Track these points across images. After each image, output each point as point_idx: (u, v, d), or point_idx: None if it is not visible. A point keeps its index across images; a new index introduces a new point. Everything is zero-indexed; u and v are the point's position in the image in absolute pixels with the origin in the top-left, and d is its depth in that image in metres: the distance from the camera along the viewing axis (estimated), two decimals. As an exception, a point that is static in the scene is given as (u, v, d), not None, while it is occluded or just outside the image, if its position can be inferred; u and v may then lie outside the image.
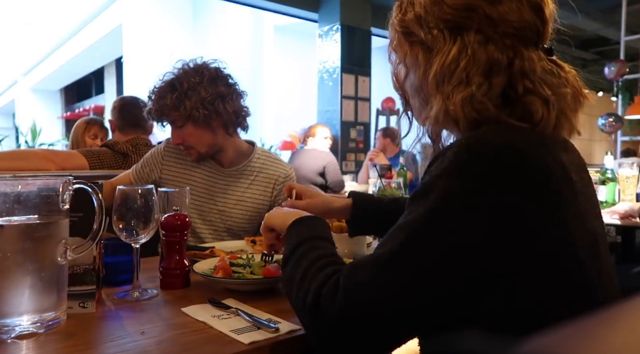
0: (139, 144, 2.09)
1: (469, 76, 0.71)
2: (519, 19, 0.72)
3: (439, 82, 0.73)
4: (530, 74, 0.71)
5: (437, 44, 0.74)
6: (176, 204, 1.10)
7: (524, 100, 0.71)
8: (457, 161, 0.64)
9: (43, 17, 10.84)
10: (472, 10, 0.72)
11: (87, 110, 12.80)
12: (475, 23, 0.72)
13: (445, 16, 0.73)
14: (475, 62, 0.71)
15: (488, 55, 0.71)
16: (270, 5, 6.09)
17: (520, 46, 0.72)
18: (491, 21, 0.71)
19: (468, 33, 0.72)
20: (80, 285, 0.87)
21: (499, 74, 0.71)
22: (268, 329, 0.76)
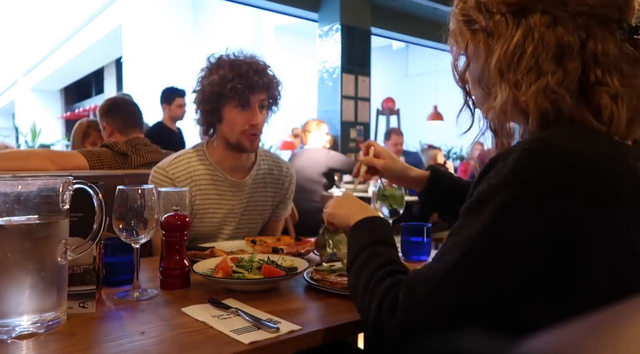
0: (138, 144, 2.09)
1: (539, 63, 0.66)
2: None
3: (503, 70, 0.69)
4: (602, 58, 0.65)
5: (499, 30, 0.70)
6: (176, 204, 1.10)
7: (593, 91, 0.65)
8: (518, 170, 0.60)
9: (43, 17, 10.84)
10: None
11: (87, 110, 12.80)
12: (540, 3, 0.66)
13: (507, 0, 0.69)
14: (543, 46, 0.65)
15: (558, 38, 0.65)
16: (270, 5, 6.09)
17: (594, 26, 0.65)
18: (560, 0, 0.66)
19: (533, 15, 0.67)
20: (80, 285, 0.87)
21: (573, 59, 0.65)
22: (268, 329, 0.76)
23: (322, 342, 0.80)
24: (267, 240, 1.48)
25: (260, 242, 1.45)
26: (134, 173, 1.87)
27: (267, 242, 1.44)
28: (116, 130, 2.21)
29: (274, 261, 1.10)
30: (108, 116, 2.24)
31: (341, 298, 0.95)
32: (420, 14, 6.95)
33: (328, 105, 6.15)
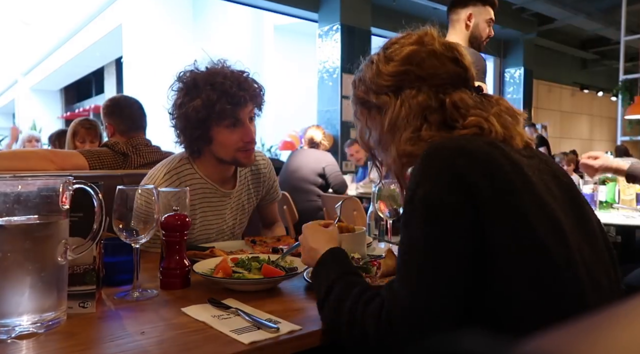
0: (139, 144, 2.09)
1: (409, 121, 0.88)
2: (442, 71, 0.89)
3: (393, 132, 0.90)
4: (463, 104, 0.87)
5: (385, 105, 0.92)
6: (176, 204, 1.10)
7: (468, 121, 0.85)
8: (422, 168, 0.77)
9: (43, 17, 10.84)
10: (405, 74, 0.90)
11: (87, 110, 12.80)
12: (408, 82, 0.90)
13: (385, 83, 0.92)
14: (411, 109, 0.88)
15: (419, 102, 0.88)
16: (270, 5, 6.09)
17: (450, 89, 0.89)
18: (421, 78, 0.89)
19: (405, 91, 0.90)
20: (80, 285, 0.87)
21: (433, 113, 0.87)
22: (268, 329, 0.76)
23: (322, 342, 0.80)
24: (267, 240, 1.48)
25: (260, 242, 1.45)
26: (134, 173, 1.87)
27: (267, 242, 1.44)
28: (118, 132, 2.19)
29: (275, 263, 1.10)
30: (111, 116, 2.21)
31: (341, 298, 0.95)
32: (420, 14, 6.95)
33: (328, 105, 6.15)
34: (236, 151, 1.43)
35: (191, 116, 1.36)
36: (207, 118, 1.37)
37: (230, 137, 1.40)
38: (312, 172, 3.79)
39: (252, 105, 1.42)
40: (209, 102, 1.34)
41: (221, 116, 1.36)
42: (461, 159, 0.75)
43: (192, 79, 1.39)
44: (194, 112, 1.36)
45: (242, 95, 1.36)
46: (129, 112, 2.20)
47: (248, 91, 1.38)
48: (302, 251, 1.03)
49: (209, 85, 1.35)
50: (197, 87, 1.37)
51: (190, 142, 1.44)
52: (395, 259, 1.06)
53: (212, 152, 1.45)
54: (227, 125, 1.39)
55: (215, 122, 1.38)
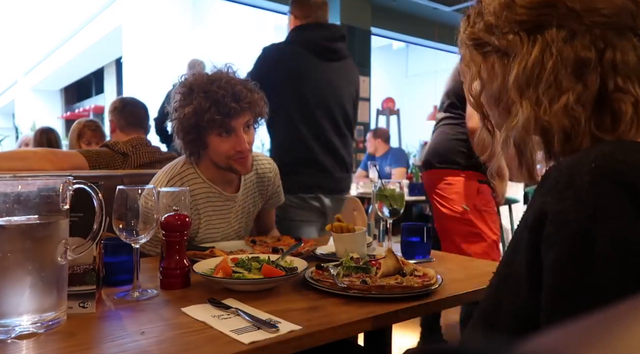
0: (139, 144, 2.09)
1: (558, 79, 0.65)
2: (605, 5, 0.64)
3: (523, 88, 0.68)
4: (621, 67, 0.64)
5: (514, 49, 0.69)
6: (176, 204, 1.10)
7: (612, 99, 0.64)
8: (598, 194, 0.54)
9: (43, 17, 10.84)
10: (551, 6, 0.66)
11: (87, 110, 12.81)
12: (555, 19, 0.65)
13: (519, 17, 0.68)
14: (562, 62, 0.65)
15: (576, 52, 0.64)
16: (270, 5, 6.10)
17: (612, 35, 0.64)
18: (575, 13, 0.65)
19: (549, 31, 0.66)
20: (80, 285, 0.87)
21: (592, 73, 0.64)
22: (268, 329, 0.76)
23: (322, 342, 0.80)
24: (267, 240, 1.48)
25: (260, 242, 1.45)
26: (134, 173, 1.87)
27: (267, 243, 1.44)
28: (118, 128, 2.28)
29: (275, 263, 1.10)
30: (114, 113, 2.32)
31: (341, 297, 0.95)
32: (420, 14, 6.95)
33: (328, 105, 6.14)
34: (229, 159, 1.42)
35: (183, 121, 1.37)
36: (197, 125, 1.37)
37: (222, 146, 1.40)
38: None
39: (248, 115, 1.40)
40: (200, 110, 1.34)
41: (210, 124, 1.36)
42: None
43: (189, 84, 1.39)
44: (185, 118, 1.36)
45: (233, 106, 1.34)
46: (130, 110, 2.31)
47: (242, 101, 1.36)
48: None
49: (202, 93, 1.35)
50: (191, 93, 1.37)
51: (187, 146, 1.43)
52: (395, 259, 1.06)
53: (210, 158, 1.45)
54: (218, 133, 1.39)
55: (206, 129, 1.38)
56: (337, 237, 1.31)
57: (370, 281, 0.99)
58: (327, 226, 1.35)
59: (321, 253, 1.36)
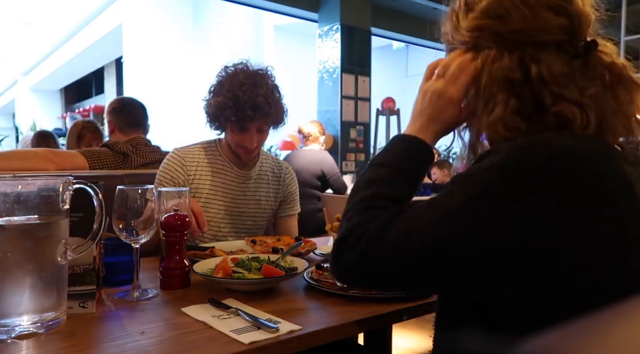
0: (138, 144, 2.10)
1: (492, 94, 0.72)
2: (536, 26, 0.70)
3: (471, 102, 0.77)
4: (550, 78, 0.69)
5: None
6: (176, 204, 1.10)
7: (554, 108, 0.68)
8: (507, 159, 0.62)
9: (43, 17, 10.84)
10: (480, 30, 0.74)
11: (87, 110, 12.79)
12: (487, 41, 0.73)
13: (463, 38, 0.77)
14: (492, 80, 0.72)
15: (504, 69, 0.71)
16: (270, 5, 6.09)
17: (538, 51, 0.70)
18: (502, 36, 0.72)
19: (483, 51, 0.74)
20: (80, 285, 0.87)
21: (522, 88, 0.70)
22: (268, 329, 0.76)
23: (322, 342, 0.80)
24: (267, 240, 1.48)
25: (260, 242, 1.45)
26: (134, 173, 1.87)
27: (267, 243, 1.45)
28: (117, 128, 2.26)
29: (276, 263, 1.10)
30: (113, 114, 2.31)
31: (341, 297, 0.95)
32: (420, 14, 6.95)
33: (328, 105, 6.15)
34: (237, 147, 1.58)
35: (210, 106, 1.54)
36: (217, 115, 1.53)
37: (234, 137, 1.56)
38: (311, 175, 3.77)
39: (262, 122, 1.53)
40: (222, 106, 1.49)
41: (227, 120, 1.52)
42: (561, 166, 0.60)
43: (223, 78, 1.53)
44: (213, 104, 1.53)
45: (249, 114, 1.47)
46: (129, 110, 2.30)
47: (259, 111, 1.48)
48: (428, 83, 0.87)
49: (230, 93, 1.48)
50: (222, 87, 1.51)
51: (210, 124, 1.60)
52: None
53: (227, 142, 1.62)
54: (232, 128, 1.54)
55: (225, 121, 1.54)
56: (337, 237, 1.31)
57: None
58: (327, 226, 1.35)
59: (321, 253, 1.36)
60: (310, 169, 3.79)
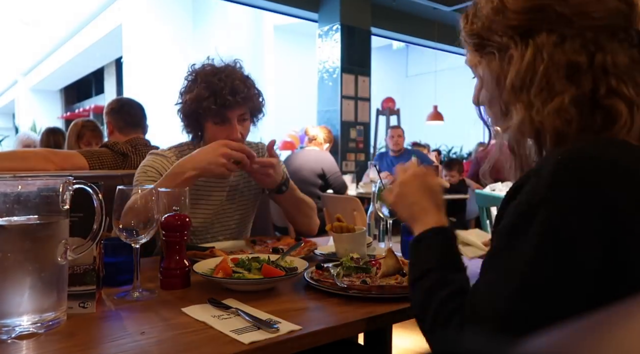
0: (138, 144, 2.10)
1: (551, 82, 0.67)
2: (597, 8, 0.66)
3: (517, 91, 0.70)
4: (612, 69, 0.65)
5: (509, 51, 0.71)
6: (176, 204, 1.10)
7: (606, 102, 0.65)
8: (557, 184, 0.59)
9: (43, 17, 10.84)
10: (539, 11, 0.68)
11: (87, 110, 12.80)
12: (546, 23, 0.67)
13: (511, 22, 0.70)
14: (553, 65, 0.66)
15: (567, 56, 0.66)
16: (270, 5, 6.09)
17: (602, 38, 0.66)
18: (564, 18, 0.66)
19: (540, 35, 0.68)
20: (80, 285, 0.87)
21: (584, 75, 0.66)
22: (268, 329, 0.76)
23: (322, 342, 0.80)
24: (267, 240, 1.48)
25: (260, 242, 1.45)
26: (134, 173, 1.87)
27: (267, 243, 1.45)
28: (116, 129, 2.27)
29: (275, 263, 1.10)
30: (111, 114, 2.32)
31: (341, 297, 0.95)
32: (420, 14, 6.95)
33: (328, 105, 6.15)
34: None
35: (184, 106, 1.49)
36: (195, 111, 1.47)
37: (216, 134, 1.48)
38: (311, 173, 3.79)
39: (243, 108, 1.49)
40: (199, 98, 1.44)
41: (207, 112, 1.46)
42: (612, 183, 0.57)
43: (195, 73, 1.49)
44: (186, 104, 1.48)
45: (229, 99, 1.43)
46: (127, 110, 2.31)
47: (238, 95, 1.44)
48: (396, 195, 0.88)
49: (204, 83, 1.44)
50: (195, 81, 1.47)
51: (189, 128, 1.55)
52: (395, 259, 1.05)
53: (206, 142, 1.52)
54: (215, 122, 1.48)
55: (203, 116, 1.48)
56: (337, 237, 1.31)
57: (370, 281, 0.99)
58: (327, 226, 1.35)
59: (321, 253, 1.36)
60: (311, 167, 3.80)
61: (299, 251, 1.29)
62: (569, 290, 0.58)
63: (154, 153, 1.55)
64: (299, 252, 1.27)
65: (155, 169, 1.48)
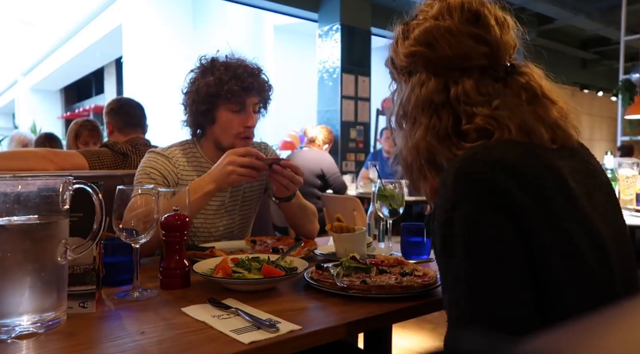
0: (138, 144, 2.10)
1: (417, 115, 0.80)
2: (459, 52, 0.79)
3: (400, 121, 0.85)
4: (465, 97, 0.78)
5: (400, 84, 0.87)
6: (176, 204, 1.10)
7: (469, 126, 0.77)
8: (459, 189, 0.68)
9: (43, 17, 10.84)
10: (413, 56, 0.82)
11: (87, 110, 12.80)
12: (419, 66, 0.82)
13: (401, 63, 0.85)
14: (419, 99, 0.80)
15: (428, 91, 0.79)
16: (270, 5, 6.10)
17: (464, 75, 0.79)
18: (430, 61, 0.80)
19: (414, 76, 0.82)
20: (80, 285, 0.87)
21: (444, 108, 0.79)
22: (268, 329, 0.76)
23: (322, 342, 0.80)
24: (267, 240, 1.48)
25: (260, 242, 1.45)
26: (134, 173, 1.86)
27: (267, 243, 1.45)
28: (116, 129, 2.28)
29: (276, 263, 1.10)
30: (111, 115, 2.33)
31: (341, 297, 0.95)
32: (420, 14, 6.94)
33: (328, 105, 6.15)
34: (235, 137, 1.50)
35: (201, 90, 1.46)
36: (215, 95, 1.45)
37: (232, 121, 1.48)
38: (310, 174, 3.79)
39: (257, 96, 1.51)
40: (220, 81, 1.44)
41: (229, 96, 1.45)
42: (502, 175, 0.66)
43: (211, 60, 1.51)
44: (205, 87, 1.45)
45: (250, 81, 1.45)
46: (127, 110, 2.31)
47: (256, 80, 1.48)
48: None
49: (223, 67, 1.47)
50: (213, 67, 1.48)
51: (195, 119, 1.52)
52: None
53: (214, 136, 1.52)
54: (232, 109, 1.48)
55: (223, 102, 1.47)
56: (337, 237, 1.31)
57: (370, 281, 0.99)
58: (327, 226, 1.35)
59: (321, 253, 1.36)
60: (311, 167, 3.80)
61: (299, 251, 1.29)
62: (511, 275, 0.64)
63: (154, 152, 1.53)
64: (299, 252, 1.27)
65: (158, 171, 1.47)
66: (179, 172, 1.51)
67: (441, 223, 0.69)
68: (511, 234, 0.65)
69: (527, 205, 0.65)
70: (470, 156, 0.70)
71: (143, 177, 1.46)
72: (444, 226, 0.68)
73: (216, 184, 1.34)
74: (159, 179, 1.45)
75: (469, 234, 0.66)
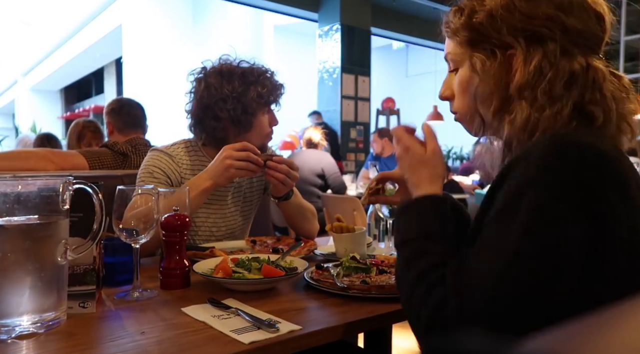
0: (138, 144, 2.10)
1: (553, 88, 0.72)
2: (586, 28, 0.73)
3: (522, 92, 0.73)
4: (599, 83, 0.72)
5: (509, 51, 0.74)
6: (176, 203, 1.10)
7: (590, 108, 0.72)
8: (545, 167, 0.63)
9: (43, 17, 10.84)
10: (551, 20, 0.72)
11: (87, 110, 12.80)
12: (553, 33, 0.72)
13: (519, 24, 0.73)
14: (558, 73, 0.71)
15: (570, 66, 0.72)
16: (270, 5, 6.10)
17: (588, 55, 0.73)
18: (567, 31, 0.72)
19: (547, 43, 0.72)
20: (80, 285, 0.87)
21: (577, 85, 0.72)
22: (268, 329, 0.76)
23: (322, 342, 0.80)
24: (267, 240, 1.48)
25: (260, 242, 1.45)
26: (134, 173, 1.86)
27: (267, 243, 1.45)
28: (116, 129, 2.28)
29: (276, 263, 1.10)
30: (111, 115, 2.33)
31: (341, 297, 0.95)
32: (420, 14, 6.95)
33: (328, 105, 6.15)
34: (266, 136, 1.57)
35: (244, 99, 1.46)
36: (267, 101, 1.50)
37: (265, 122, 1.54)
38: (311, 173, 3.80)
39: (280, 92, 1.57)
40: (261, 94, 1.48)
41: (269, 101, 1.51)
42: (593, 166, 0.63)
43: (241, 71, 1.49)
44: (250, 96, 1.46)
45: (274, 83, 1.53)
46: (127, 110, 2.31)
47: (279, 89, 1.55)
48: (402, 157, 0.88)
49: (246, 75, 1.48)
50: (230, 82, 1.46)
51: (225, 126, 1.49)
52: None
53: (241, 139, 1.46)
54: (266, 110, 1.54)
55: (261, 107, 1.51)
56: (337, 237, 1.31)
57: (370, 281, 0.99)
58: (327, 226, 1.35)
59: (321, 253, 1.36)
60: (311, 167, 3.81)
61: (299, 251, 1.29)
62: (558, 266, 0.61)
63: (157, 150, 1.51)
64: (299, 252, 1.27)
65: (161, 170, 1.46)
66: (182, 171, 1.50)
67: (509, 196, 0.65)
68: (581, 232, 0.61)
69: (613, 201, 0.62)
70: (561, 135, 0.66)
71: (146, 176, 1.45)
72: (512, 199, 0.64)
73: (213, 181, 1.34)
74: (162, 178, 1.45)
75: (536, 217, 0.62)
